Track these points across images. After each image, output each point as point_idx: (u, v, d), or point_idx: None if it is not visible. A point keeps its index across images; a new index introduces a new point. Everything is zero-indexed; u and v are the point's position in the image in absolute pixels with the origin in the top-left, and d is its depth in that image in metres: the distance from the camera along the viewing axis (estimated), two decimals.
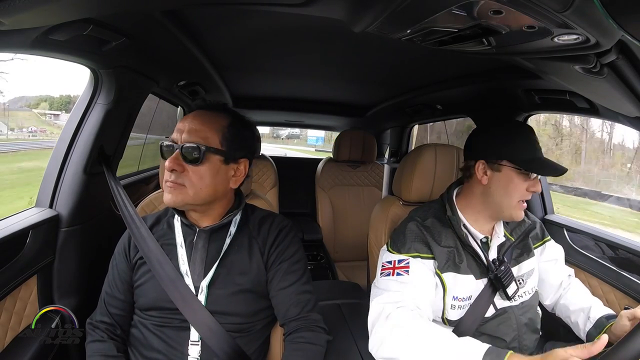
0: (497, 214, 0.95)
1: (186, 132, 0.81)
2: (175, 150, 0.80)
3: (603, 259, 1.20)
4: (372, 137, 2.52)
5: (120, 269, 0.88)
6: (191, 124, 0.82)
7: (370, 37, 0.71)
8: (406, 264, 0.89)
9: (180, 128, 0.82)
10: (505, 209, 0.92)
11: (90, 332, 0.87)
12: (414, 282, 0.87)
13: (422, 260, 0.90)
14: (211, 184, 0.82)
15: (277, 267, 0.87)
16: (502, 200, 0.91)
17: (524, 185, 0.90)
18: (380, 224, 1.19)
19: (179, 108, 2.16)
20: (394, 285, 0.87)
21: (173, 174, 0.80)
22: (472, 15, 0.53)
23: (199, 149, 0.79)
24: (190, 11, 0.96)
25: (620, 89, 0.74)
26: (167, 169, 0.79)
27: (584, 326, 0.94)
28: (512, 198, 0.90)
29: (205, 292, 0.82)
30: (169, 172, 0.80)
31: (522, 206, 0.92)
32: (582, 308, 0.96)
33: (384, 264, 0.93)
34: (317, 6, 0.66)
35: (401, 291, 0.85)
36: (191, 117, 0.85)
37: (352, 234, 2.42)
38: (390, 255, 0.93)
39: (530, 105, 1.32)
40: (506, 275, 0.92)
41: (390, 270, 0.90)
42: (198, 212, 0.87)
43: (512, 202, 0.90)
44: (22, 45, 0.71)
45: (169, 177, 0.80)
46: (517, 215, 0.92)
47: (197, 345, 0.81)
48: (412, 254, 0.91)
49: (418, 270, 0.89)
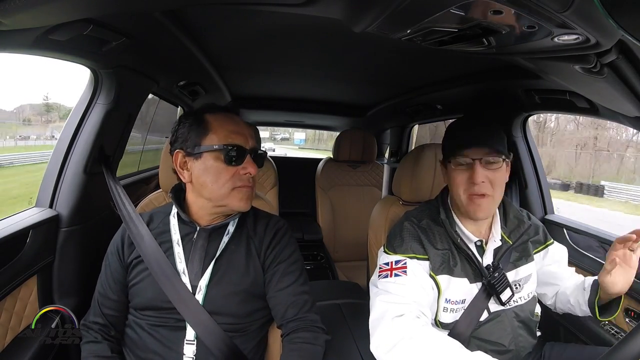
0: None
1: (249, 136, 0.85)
2: (247, 154, 0.83)
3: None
4: (372, 137, 2.52)
5: (114, 268, 0.88)
6: (248, 129, 0.87)
7: (370, 37, 0.71)
8: (403, 264, 0.88)
9: (243, 132, 0.85)
10: (459, 204, 0.90)
11: (85, 333, 0.86)
12: (413, 282, 0.86)
13: (418, 261, 0.89)
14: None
15: (274, 269, 0.87)
16: (452, 195, 0.92)
17: (463, 176, 0.87)
18: (380, 224, 1.19)
19: (178, 108, 2.16)
20: (393, 288, 0.86)
21: (252, 178, 0.84)
22: (472, 15, 0.53)
23: (266, 155, 0.88)
24: (190, 11, 0.96)
25: (620, 89, 0.73)
26: (253, 174, 0.83)
27: (584, 298, 0.92)
28: (457, 191, 0.89)
29: (203, 292, 0.82)
30: (249, 177, 0.83)
31: (473, 201, 0.87)
32: (577, 285, 0.96)
33: (381, 266, 0.92)
34: (317, 6, 0.66)
35: (402, 293, 0.84)
36: (241, 121, 0.88)
37: (352, 234, 2.41)
38: (387, 257, 0.92)
39: (530, 105, 1.32)
40: (500, 282, 0.89)
41: (388, 272, 0.89)
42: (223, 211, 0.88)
43: (459, 196, 0.89)
44: (22, 45, 0.71)
45: (248, 182, 0.84)
46: (471, 212, 0.87)
47: (192, 344, 0.81)
48: (408, 255, 0.90)
49: (415, 271, 0.88)
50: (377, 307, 0.84)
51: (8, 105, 6.81)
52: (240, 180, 0.81)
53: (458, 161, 0.87)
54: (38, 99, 8.16)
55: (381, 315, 0.81)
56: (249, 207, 0.85)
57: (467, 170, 0.86)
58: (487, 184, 0.86)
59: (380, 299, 0.85)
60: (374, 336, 0.81)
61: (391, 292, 0.85)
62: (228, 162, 0.81)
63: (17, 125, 4.96)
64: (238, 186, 0.82)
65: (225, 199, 0.82)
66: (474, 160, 0.85)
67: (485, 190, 0.85)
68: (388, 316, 0.80)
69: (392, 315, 0.79)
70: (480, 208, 0.86)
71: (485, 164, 0.86)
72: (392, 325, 0.78)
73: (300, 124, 3.66)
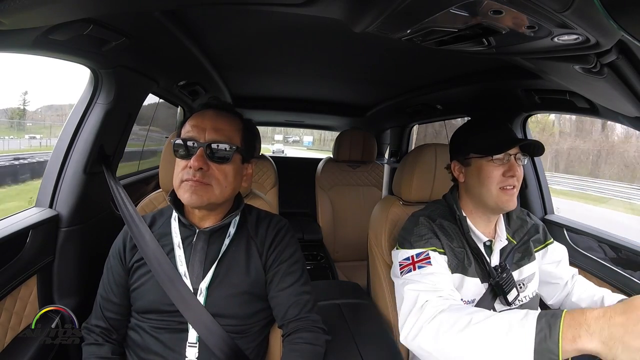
0: (485, 208, 0.94)
1: (211, 130, 0.80)
2: (198, 148, 0.79)
3: (603, 258, 1.20)
4: (372, 137, 2.52)
5: (116, 272, 0.87)
6: (215, 122, 0.81)
7: (370, 37, 0.71)
8: (426, 255, 0.88)
9: (201, 125, 0.81)
10: (487, 199, 0.91)
11: (86, 335, 0.86)
12: (439, 270, 0.85)
13: (439, 254, 0.89)
14: (233, 183, 0.83)
15: (276, 269, 0.87)
16: (480, 191, 0.92)
17: (498, 171, 0.90)
18: (380, 224, 1.19)
19: (178, 108, 2.16)
20: (419, 278, 0.84)
21: (199, 172, 0.78)
22: (472, 16, 0.53)
23: (230, 148, 0.80)
24: (190, 11, 0.96)
25: (620, 89, 0.74)
26: (194, 167, 0.77)
27: None
28: (489, 186, 0.90)
29: (204, 294, 0.82)
30: (194, 171, 0.77)
31: (507, 193, 0.90)
32: (595, 301, 0.95)
33: (401, 262, 0.90)
34: (317, 6, 0.66)
35: (431, 280, 0.83)
36: (212, 115, 0.83)
37: (352, 234, 2.41)
38: (406, 252, 0.91)
39: (530, 105, 1.32)
40: (508, 282, 0.91)
41: (410, 266, 0.88)
42: (207, 212, 0.86)
43: (491, 191, 0.90)
44: (22, 45, 0.71)
45: (192, 176, 0.78)
46: (503, 202, 0.90)
47: (194, 347, 0.81)
48: (429, 248, 0.89)
49: (440, 261, 0.87)
50: (409, 295, 0.82)
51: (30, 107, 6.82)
52: (187, 174, 0.78)
53: (499, 157, 0.91)
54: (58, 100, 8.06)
55: (412, 304, 0.79)
56: (198, 202, 0.79)
57: (502, 165, 0.90)
58: (516, 178, 0.90)
59: (409, 288, 0.83)
60: (404, 325, 0.79)
61: (419, 281, 0.83)
62: (178, 156, 0.81)
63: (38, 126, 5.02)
64: (184, 179, 0.79)
65: (178, 193, 0.81)
66: (511, 155, 0.90)
67: (516, 183, 0.91)
68: (418, 303, 0.78)
69: (422, 301, 0.78)
70: (512, 199, 0.91)
71: (518, 160, 0.91)
72: (422, 310, 0.77)
73: (300, 124, 3.65)
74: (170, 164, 1.11)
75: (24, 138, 4.96)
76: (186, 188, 0.78)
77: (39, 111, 5.77)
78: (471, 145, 0.94)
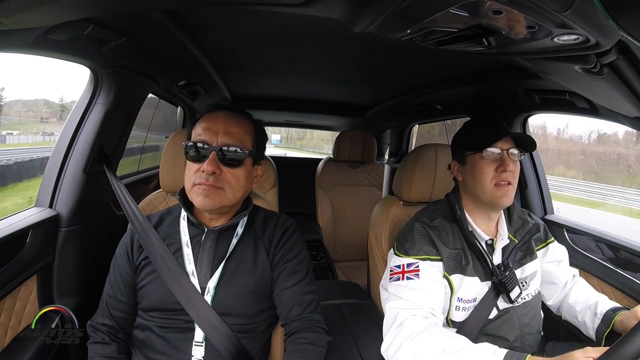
0: (482, 205, 0.95)
1: (223, 133, 0.80)
2: (211, 151, 0.79)
3: (603, 259, 1.20)
4: (372, 137, 2.52)
5: (123, 270, 0.87)
6: (227, 125, 0.81)
7: (370, 37, 0.71)
8: (416, 267, 0.89)
9: (213, 128, 0.80)
10: (482, 195, 0.92)
11: (92, 334, 0.86)
12: (425, 285, 0.87)
13: (431, 263, 0.90)
14: (245, 186, 0.84)
15: (282, 267, 0.87)
16: (475, 187, 0.93)
17: (491, 167, 0.91)
18: (381, 224, 1.19)
19: (178, 108, 2.17)
20: (404, 292, 0.87)
21: (212, 176, 0.78)
22: (472, 16, 0.53)
23: (242, 152, 0.80)
24: (190, 11, 0.96)
25: (620, 89, 0.74)
26: (207, 172, 0.77)
27: (592, 323, 0.93)
28: (483, 182, 0.91)
29: (212, 293, 0.82)
30: (207, 175, 0.77)
31: (501, 188, 0.90)
32: (589, 306, 0.95)
33: (392, 269, 0.92)
34: (317, 6, 0.66)
35: (414, 298, 0.85)
36: (223, 117, 0.83)
37: (352, 234, 2.41)
38: (399, 259, 0.93)
39: (530, 105, 1.32)
40: (510, 280, 0.91)
41: (400, 274, 0.90)
42: (218, 213, 0.86)
43: (485, 186, 0.91)
44: (22, 45, 0.71)
45: (205, 180, 0.78)
46: (497, 198, 0.91)
47: (201, 346, 0.81)
48: (421, 257, 0.91)
49: (428, 273, 0.89)
50: (388, 312, 0.86)
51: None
52: (199, 178, 0.79)
53: (488, 152, 0.92)
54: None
55: (392, 320, 0.83)
56: (211, 206, 0.79)
57: (495, 161, 0.92)
58: (511, 174, 0.91)
59: (391, 305, 0.86)
60: (385, 339, 0.83)
61: (402, 298, 0.86)
62: (189, 159, 0.81)
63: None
64: (197, 183, 0.79)
65: (190, 196, 0.81)
66: (503, 150, 0.91)
67: (511, 178, 0.91)
68: (398, 320, 0.82)
69: (402, 319, 0.81)
70: (507, 194, 0.91)
71: (511, 155, 0.92)
72: (400, 327, 0.80)
73: (300, 124, 3.65)
74: (170, 164, 1.11)
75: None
76: (199, 192, 0.79)
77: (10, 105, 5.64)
78: (466, 143, 0.97)
